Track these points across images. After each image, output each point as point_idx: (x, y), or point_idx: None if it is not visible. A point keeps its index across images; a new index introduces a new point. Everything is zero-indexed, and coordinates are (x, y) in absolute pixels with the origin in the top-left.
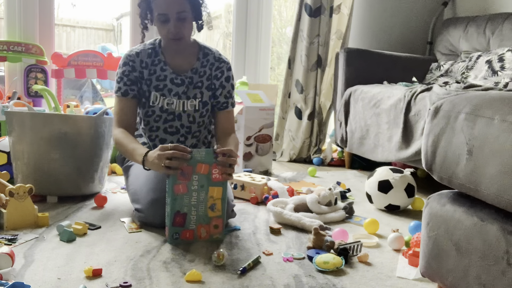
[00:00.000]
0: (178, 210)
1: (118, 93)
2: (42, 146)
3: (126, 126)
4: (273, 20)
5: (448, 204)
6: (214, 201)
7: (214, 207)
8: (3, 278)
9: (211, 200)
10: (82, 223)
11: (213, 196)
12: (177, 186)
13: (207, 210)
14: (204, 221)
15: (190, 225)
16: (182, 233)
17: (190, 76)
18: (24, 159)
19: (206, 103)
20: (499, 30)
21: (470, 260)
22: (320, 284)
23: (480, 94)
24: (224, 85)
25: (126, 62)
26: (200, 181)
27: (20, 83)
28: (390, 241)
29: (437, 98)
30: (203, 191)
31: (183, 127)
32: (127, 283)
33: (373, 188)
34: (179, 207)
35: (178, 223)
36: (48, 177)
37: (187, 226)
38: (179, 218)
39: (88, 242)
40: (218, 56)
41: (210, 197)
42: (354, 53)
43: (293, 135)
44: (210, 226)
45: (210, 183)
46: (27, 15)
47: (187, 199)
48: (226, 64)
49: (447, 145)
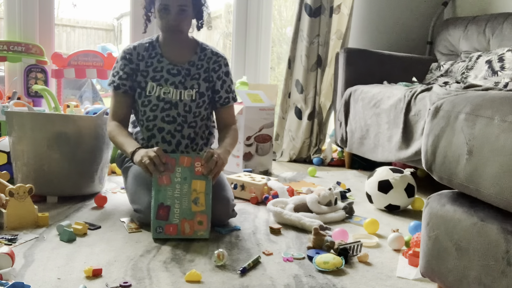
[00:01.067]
0: (161, 202)
1: (110, 86)
2: (42, 146)
3: (120, 120)
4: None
5: (448, 204)
6: (198, 194)
7: (198, 201)
8: (3, 278)
9: (194, 194)
10: (82, 223)
11: (196, 189)
12: (161, 177)
13: (191, 203)
14: (188, 216)
15: (174, 219)
16: (165, 228)
17: (187, 68)
18: (24, 159)
19: (203, 94)
20: (499, 30)
21: (470, 260)
22: (320, 284)
23: (480, 94)
24: (225, 80)
25: (123, 56)
26: (183, 174)
27: (20, 83)
28: (390, 241)
29: (437, 98)
30: (186, 184)
31: (179, 115)
32: (127, 283)
33: (373, 188)
34: (163, 199)
35: (162, 216)
36: (48, 177)
37: (170, 220)
38: (162, 210)
39: (88, 242)
40: (216, 51)
41: (194, 190)
42: (354, 53)
43: (293, 135)
44: (194, 222)
45: (193, 176)
46: (27, 15)
47: (171, 191)
48: (224, 59)
49: (447, 145)
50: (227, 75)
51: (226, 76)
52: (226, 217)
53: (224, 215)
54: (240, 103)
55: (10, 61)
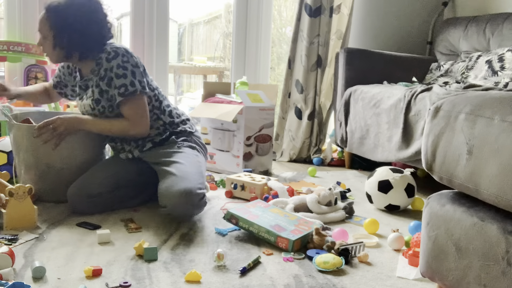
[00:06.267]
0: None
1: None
2: (42, 147)
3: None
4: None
5: (448, 204)
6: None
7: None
8: (3, 278)
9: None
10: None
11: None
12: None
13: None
14: None
15: None
16: None
17: (90, 78)
18: (24, 161)
19: (98, 100)
20: (499, 30)
21: (470, 260)
22: (320, 284)
23: (480, 94)
24: (110, 76)
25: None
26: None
27: (20, 83)
28: (390, 241)
29: (437, 98)
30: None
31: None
32: (127, 283)
33: (373, 188)
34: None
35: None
36: (48, 180)
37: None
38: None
39: (88, 242)
40: (105, 48)
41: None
42: (354, 53)
43: (293, 135)
44: None
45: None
46: (27, 15)
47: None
48: (108, 53)
49: (447, 145)
50: (111, 70)
51: (111, 71)
52: (190, 211)
53: (186, 209)
54: (240, 103)
55: (10, 61)
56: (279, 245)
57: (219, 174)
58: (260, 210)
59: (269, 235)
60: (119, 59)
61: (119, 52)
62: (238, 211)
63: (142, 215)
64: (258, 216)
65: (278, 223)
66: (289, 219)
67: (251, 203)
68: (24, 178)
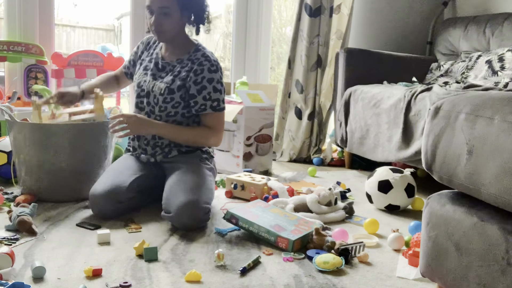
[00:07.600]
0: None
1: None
2: (42, 147)
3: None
4: (273, 20)
5: (448, 204)
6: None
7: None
8: (3, 278)
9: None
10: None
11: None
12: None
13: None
14: None
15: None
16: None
17: (174, 65)
18: (25, 161)
19: (173, 91)
20: (499, 30)
21: (470, 260)
22: (320, 284)
23: (480, 94)
24: (205, 86)
25: (137, 45)
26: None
27: (20, 83)
28: (390, 241)
29: (437, 98)
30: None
31: (149, 104)
32: (127, 283)
33: (373, 188)
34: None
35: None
36: (49, 180)
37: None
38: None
39: (88, 242)
40: (207, 55)
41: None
42: (354, 53)
43: (293, 135)
44: None
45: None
46: (27, 15)
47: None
48: (211, 65)
49: (447, 145)
50: (210, 82)
51: (209, 82)
52: (194, 222)
53: (191, 219)
54: (240, 103)
55: (10, 61)
56: (279, 245)
57: (219, 174)
58: (260, 210)
59: (269, 235)
60: (219, 74)
61: (219, 67)
62: (238, 211)
63: (142, 215)
64: (258, 216)
65: (278, 223)
66: (289, 219)
67: (251, 203)
68: (24, 178)
